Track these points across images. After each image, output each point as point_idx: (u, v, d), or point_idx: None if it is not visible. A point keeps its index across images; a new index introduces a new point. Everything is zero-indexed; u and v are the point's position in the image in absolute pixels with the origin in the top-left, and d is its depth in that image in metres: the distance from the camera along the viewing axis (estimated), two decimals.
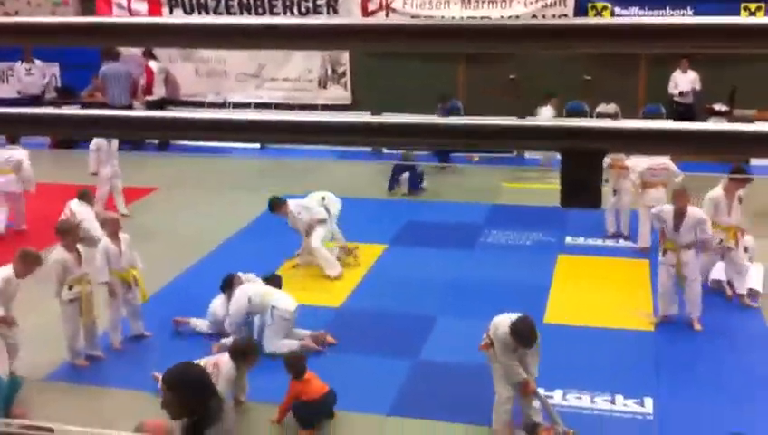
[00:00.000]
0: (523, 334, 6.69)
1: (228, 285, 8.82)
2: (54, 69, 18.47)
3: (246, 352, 7.29)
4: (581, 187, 1.32)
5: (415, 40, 1.32)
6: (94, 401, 7.86)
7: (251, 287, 8.70)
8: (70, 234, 8.27)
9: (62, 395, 7.91)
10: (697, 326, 8.85)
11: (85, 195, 10.95)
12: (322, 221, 10.44)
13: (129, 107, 16.64)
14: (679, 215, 8.80)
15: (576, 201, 1.35)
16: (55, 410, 7.45)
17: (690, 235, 8.79)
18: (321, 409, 7.26)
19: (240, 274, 8.99)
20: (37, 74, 17.81)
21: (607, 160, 10.95)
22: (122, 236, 8.72)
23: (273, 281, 9.03)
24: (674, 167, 10.67)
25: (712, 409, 7.36)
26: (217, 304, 8.89)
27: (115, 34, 1.45)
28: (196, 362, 7.21)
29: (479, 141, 1.39)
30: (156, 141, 17.49)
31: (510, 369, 6.86)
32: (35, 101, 17.76)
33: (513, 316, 6.86)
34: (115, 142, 12.64)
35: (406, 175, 13.90)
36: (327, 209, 10.63)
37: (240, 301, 8.51)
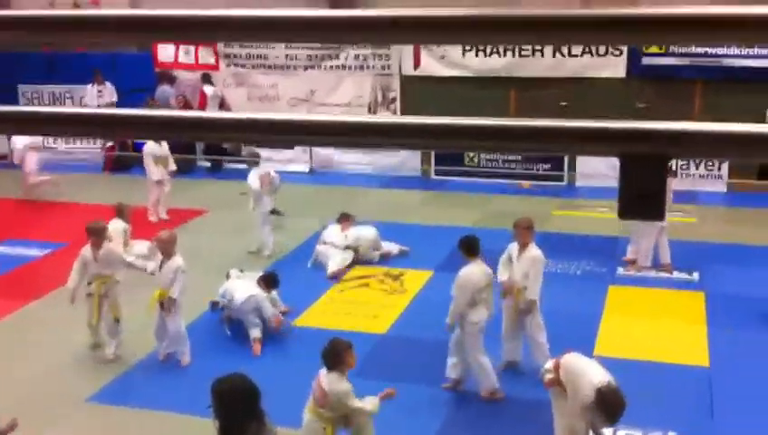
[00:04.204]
0: (614, 411, 6.06)
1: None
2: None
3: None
4: (642, 196, 1.19)
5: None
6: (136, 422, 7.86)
7: (226, 283, 9.70)
8: (95, 234, 8.97)
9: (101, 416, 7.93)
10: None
11: (121, 211, 11.79)
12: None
13: None
14: None
15: (636, 213, 1.22)
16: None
17: None
18: None
19: (232, 271, 10.05)
20: (106, 96, 18.18)
21: None
22: (174, 259, 8.72)
23: (267, 279, 9.68)
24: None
25: None
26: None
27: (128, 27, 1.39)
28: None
29: (527, 144, 1.27)
30: (207, 165, 17.72)
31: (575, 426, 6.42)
32: None
33: (591, 369, 6.39)
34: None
35: None
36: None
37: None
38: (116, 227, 11.88)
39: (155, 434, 7.57)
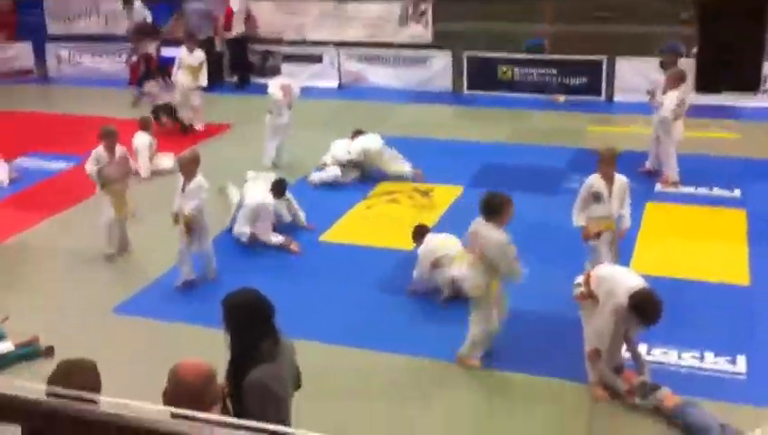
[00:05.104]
0: (650, 313, 5.90)
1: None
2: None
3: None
4: (730, 59, 0.86)
5: None
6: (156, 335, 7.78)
7: (244, 186, 9.79)
8: (108, 136, 9.14)
9: (126, 328, 7.87)
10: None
11: (146, 124, 11.95)
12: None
13: (210, 40, 16.63)
14: None
15: (720, 81, 0.90)
16: (123, 345, 7.40)
17: None
18: None
19: (249, 172, 10.19)
20: (136, 16, 17.68)
21: None
22: (196, 179, 8.32)
23: (276, 186, 9.65)
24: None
25: None
26: None
27: None
28: None
29: None
30: (234, 80, 17.38)
31: (606, 333, 6.20)
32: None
33: (626, 275, 6.22)
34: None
35: None
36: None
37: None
38: (142, 140, 11.78)
39: (180, 345, 7.46)
